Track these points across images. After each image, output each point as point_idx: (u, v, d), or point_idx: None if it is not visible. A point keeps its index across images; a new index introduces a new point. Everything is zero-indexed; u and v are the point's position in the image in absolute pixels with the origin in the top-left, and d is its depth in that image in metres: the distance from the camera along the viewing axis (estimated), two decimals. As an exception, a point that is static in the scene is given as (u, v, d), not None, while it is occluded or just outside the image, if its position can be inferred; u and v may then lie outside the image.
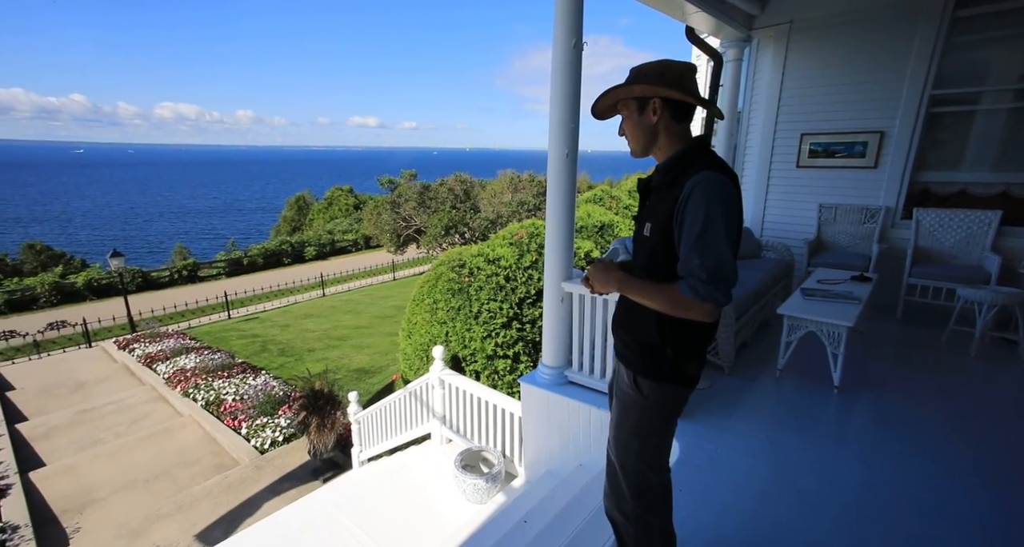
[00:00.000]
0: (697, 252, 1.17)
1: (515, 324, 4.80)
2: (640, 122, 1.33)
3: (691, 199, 1.19)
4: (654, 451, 1.40)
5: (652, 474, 1.41)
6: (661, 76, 1.27)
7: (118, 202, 71.57)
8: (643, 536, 1.41)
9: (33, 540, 4.75)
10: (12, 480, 5.76)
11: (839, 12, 4.23)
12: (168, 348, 10.57)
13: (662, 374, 1.34)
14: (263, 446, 6.49)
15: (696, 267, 1.17)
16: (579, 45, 2.62)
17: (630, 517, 1.41)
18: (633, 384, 1.38)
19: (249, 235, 40.42)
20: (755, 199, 4.92)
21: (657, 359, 1.33)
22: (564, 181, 2.83)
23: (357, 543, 3.47)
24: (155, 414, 7.92)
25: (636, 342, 1.37)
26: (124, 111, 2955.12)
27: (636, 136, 1.35)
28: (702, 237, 1.17)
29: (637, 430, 1.39)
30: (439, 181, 22.16)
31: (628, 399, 1.40)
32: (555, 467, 3.24)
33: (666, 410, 1.38)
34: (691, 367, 1.35)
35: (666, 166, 1.32)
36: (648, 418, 1.37)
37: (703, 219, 1.16)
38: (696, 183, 1.19)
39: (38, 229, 45.33)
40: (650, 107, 1.30)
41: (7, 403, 8.52)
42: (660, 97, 1.28)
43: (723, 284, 1.18)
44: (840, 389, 2.91)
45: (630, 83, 1.31)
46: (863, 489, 2.13)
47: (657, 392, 1.35)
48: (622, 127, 1.39)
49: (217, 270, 24.17)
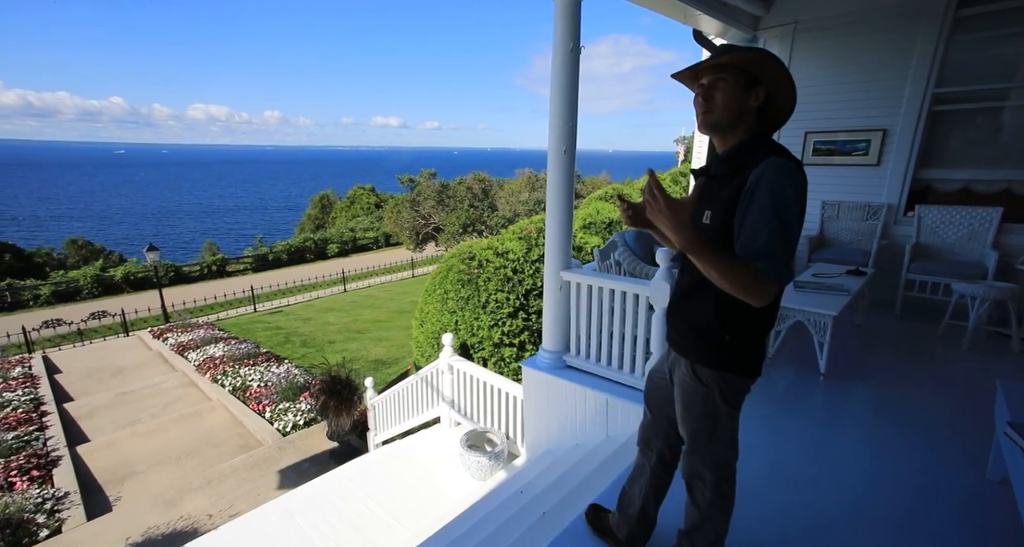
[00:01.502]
0: (774, 233, 1.12)
1: (521, 314, 5.01)
2: (742, 99, 1.23)
3: (763, 181, 1.13)
4: (724, 431, 1.38)
5: (729, 451, 1.41)
6: (784, 68, 1.23)
7: (152, 200, 74.59)
8: (718, 501, 1.43)
9: (81, 505, 5.19)
10: (62, 452, 6.27)
11: (843, 12, 4.30)
12: (199, 338, 11.12)
13: (721, 362, 1.30)
14: (285, 429, 6.86)
15: (777, 248, 1.12)
16: (576, 49, 2.81)
17: (708, 484, 1.42)
18: (692, 373, 1.35)
19: (275, 232, 41.63)
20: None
21: (716, 346, 1.30)
22: (562, 176, 3.03)
23: (368, 511, 3.74)
24: (187, 398, 8.41)
25: (692, 330, 1.34)
26: (159, 113, 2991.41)
27: (727, 110, 1.24)
28: (777, 218, 1.12)
29: (704, 416, 1.37)
30: (458, 180, 22.51)
31: (689, 389, 1.38)
32: (554, 446, 3.44)
33: (729, 396, 1.34)
34: (751, 356, 1.31)
35: (730, 153, 1.27)
36: (713, 404, 1.34)
37: (779, 200, 1.12)
38: (768, 167, 1.14)
39: (79, 225, 47.60)
40: (754, 91, 1.23)
41: (56, 385, 9.16)
42: (775, 88, 1.22)
43: (788, 268, 1.15)
44: (826, 376, 3.03)
45: (760, 60, 1.21)
46: (844, 469, 2.24)
47: (716, 379, 1.32)
48: (710, 93, 1.25)
49: (244, 265, 25.08)
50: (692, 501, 1.48)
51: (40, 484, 5.54)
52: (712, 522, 1.44)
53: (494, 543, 2.23)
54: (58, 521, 4.95)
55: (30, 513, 4.83)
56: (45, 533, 4.76)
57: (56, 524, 4.91)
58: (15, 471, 5.71)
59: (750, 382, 1.35)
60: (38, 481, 5.61)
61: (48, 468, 5.93)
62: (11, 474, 5.65)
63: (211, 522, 4.90)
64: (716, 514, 1.43)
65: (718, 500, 1.42)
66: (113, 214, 59.88)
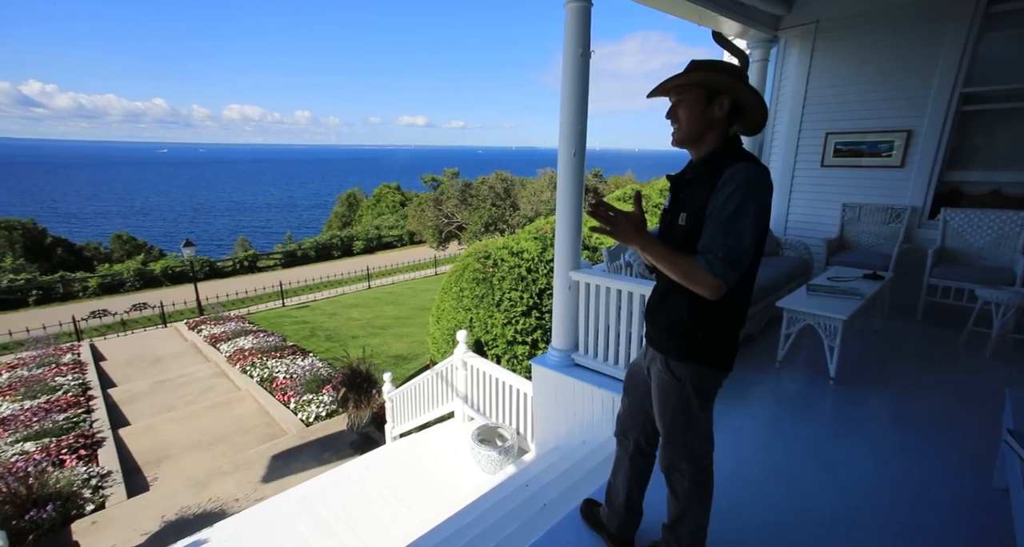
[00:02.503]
0: (723, 231, 1.21)
1: (534, 313, 5.10)
2: (703, 114, 1.31)
3: (728, 184, 1.22)
4: (698, 423, 1.45)
5: (703, 442, 1.47)
6: (740, 77, 1.29)
7: (188, 198, 77.79)
8: (696, 490, 1.49)
9: (123, 484, 5.56)
10: (106, 434, 6.71)
11: (866, 11, 4.21)
12: (230, 330, 11.62)
13: (692, 355, 1.38)
14: (308, 419, 7.13)
15: (717, 244, 1.21)
16: (587, 53, 2.87)
17: (685, 474, 1.48)
18: (666, 368, 1.43)
19: (304, 229, 42.86)
20: (779, 198, 4.95)
21: (688, 341, 1.37)
22: (572, 178, 3.09)
23: (382, 499, 3.91)
24: (218, 387, 8.82)
25: (668, 327, 1.42)
26: (197, 113, 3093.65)
27: (692, 124, 1.33)
28: (730, 219, 1.21)
29: (679, 409, 1.43)
30: (480, 179, 22.70)
31: (664, 383, 1.45)
32: (562, 443, 3.51)
33: (702, 390, 1.41)
34: (722, 351, 1.39)
35: (703, 159, 1.34)
36: (686, 398, 1.41)
37: (736, 203, 1.20)
38: (736, 171, 1.23)
39: (122, 221, 50.12)
40: (718, 101, 1.30)
41: (101, 371, 9.75)
42: (737, 97, 1.29)
43: (737, 266, 1.23)
44: (836, 380, 3.01)
45: (714, 70, 1.29)
46: (847, 473, 2.23)
47: (689, 373, 1.39)
48: (674, 111, 1.36)
49: (274, 261, 25.94)
50: (672, 493, 1.55)
51: (87, 462, 5.95)
52: (692, 512, 1.50)
53: (494, 533, 2.33)
54: (102, 497, 5.32)
55: (78, 488, 5.20)
56: (91, 507, 5.12)
57: (100, 500, 5.27)
58: (65, 449, 6.15)
59: (722, 376, 1.44)
60: (85, 460, 6.02)
61: (94, 448, 6.35)
62: (62, 452, 6.08)
63: (238, 505, 5.17)
64: (695, 504, 1.50)
65: (697, 490, 1.49)
66: (154, 211, 62.84)
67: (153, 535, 4.76)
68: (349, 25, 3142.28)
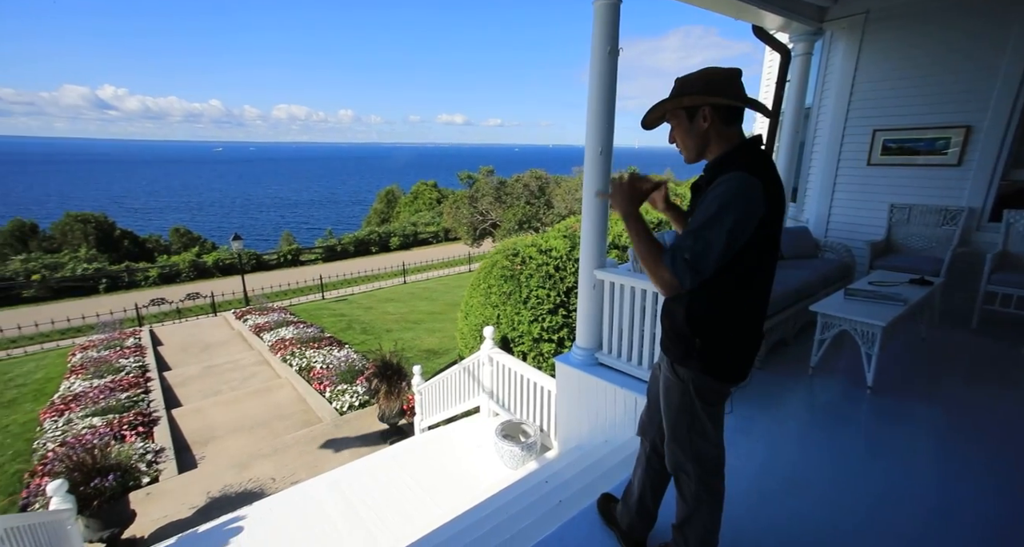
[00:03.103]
0: (693, 235, 1.23)
1: (561, 311, 5.09)
2: (691, 130, 1.36)
3: (712, 191, 1.24)
4: (702, 425, 1.43)
5: (709, 446, 1.45)
6: (708, 85, 1.32)
7: (238, 194, 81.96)
8: (704, 494, 1.48)
9: (174, 460, 5.99)
10: (161, 414, 7.23)
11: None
12: (273, 320, 12.20)
13: (692, 363, 1.38)
14: (342, 409, 7.42)
15: (685, 247, 1.23)
16: (615, 51, 2.85)
17: (692, 476, 1.48)
18: (671, 369, 1.45)
19: (344, 225, 44.30)
20: (820, 198, 4.73)
21: (687, 347, 1.38)
22: (598, 176, 3.08)
23: (407, 488, 4.03)
24: (260, 374, 9.30)
25: (672, 331, 1.43)
26: (248, 113, 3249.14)
27: (688, 144, 1.39)
28: (703, 226, 1.22)
29: (682, 409, 1.44)
30: (515, 177, 22.77)
31: (669, 383, 1.47)
32: (584, 442, 3.52)
33: (705, 396, 1.41)
34: (724, 362, 1.37)
35: (710, 166, 1.37)
36: (690, 399, 1.41)
37: (713, 211, 1.21)
38: (725, 179, 1.23)
39: (180, 216, 53.41)
40: (700, 115, 1.33)
41: (158, 355, 10.50)
42: (709, 104, 1.31)
43: (695, 272, 1.24)
44: (874, 391, 2.86)
45: (678, 95, 1.36)
46: (883, 493, 2.11)
47: (692, 378, 1.40)
48: (672, 135, 1.43)
49: (315, 255, 26.99)
50: (680, 494, 1.54)
51: (144, 439, 6.43)
52: (700, 515, 1.49)
53: (510, 526, 2.37)
54: (156, 471, 5.74)
55: (135, 462, 5.64)
56: (146, 480, 5.55)
57: (155, 474, 5.70)
58: (126, 426, 6.67)
59: (726, 386, 1.42)
60: (142, 436, 6.51)
61: (150, 426, 6.86)
62: (123, 428, 6.60)
63: (275, 486, 5.45)
64: (703, 507, 1.48)
65: (704, 493, 1.47)
66: (207, 205, 66.68)
67: (199, 509, 5.10)
68: (387, 23, 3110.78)
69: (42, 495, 5.06)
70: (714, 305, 1.33)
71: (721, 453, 1.49)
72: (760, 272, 1.33)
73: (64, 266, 20.87)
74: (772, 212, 1.25)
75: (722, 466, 1.50)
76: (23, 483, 5.74)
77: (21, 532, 2.87)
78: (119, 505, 4.60)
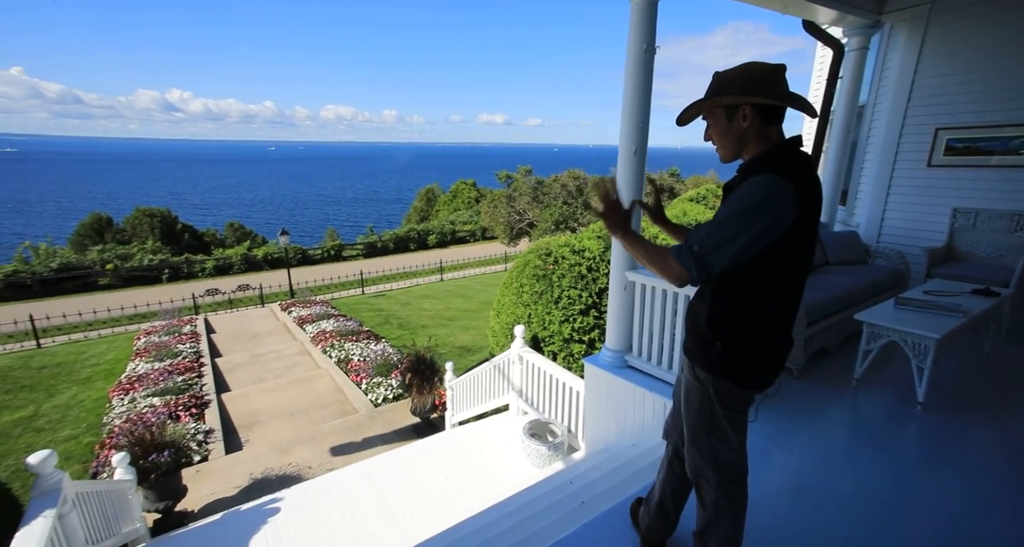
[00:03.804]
0: (707, 229, 1.19)
1: (593, 312, 5.05)
2: (729, 129, 1.31)
3: (737, 192, 1.21)
4: (722, 430, 1.39)
5: (730, 453, 1.41)
6: (748, 83, 1.25)
7: (287, 191, 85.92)
8: (723, 502, 1.44)
9: (222, 442, 6.38)
10: (211, 398, 7.71)
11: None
12: (315, 313, 12.72)
13: (713, 367, 1.34)
14: (376, 401, 7.65)
15: (696, 238, 1.20)
16: (651, 49, 2.81)
17: (711, 483, 1.44)
18: (692, 371, 1.42)
19: (384, 222, 45.54)
20: (872, 201, 4.46)
21: (707, 350, 1.34)
22: (632, 177, 3.04)
23: (435, 480, 4.12)
24: (302, 364, 9.73)
25: (693, 333, 1.41)
26: (299, 114, 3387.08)
27: (725, 143, 1.33)
28: (721, 221, 1.18)
29: (701, 413, 1.40)
30: (553, 177, 22.67)
31: (689, 386, 1.44)
32: (611, 444, 3.49)
33: (726, 401, 1.36)
34: (747, 367, 1.32)
35: (744, 167, 1.32)
36: (710, 403, 1.37)
37: (733, 209, 1.18)
38: (755, 180, 1.19)
39: (233, 212, 56.56)
40: (739, 114, 1.27)
41: (211, 343, 11.19)
42: (750, 104, 1.25)
43: (702, 264, 1.19)
44: (925, 407, 2.68)
45: (716, 93, 1.30)
46: (932, 518, 1.97)
47: (712, 381, 1.36)
48: (708, 132, 1.37)
49: (356, 251, 27.89)
50: (700, 501, 1.51)
51: (196, 420, 6.88)
52: (720, 523, 1.45)
53: (531, 524, 2.39)
54: (206, 451, 6.13)
55: (188, 441, 6.04)
56: (197, 458, 5.93)
57: (205, 453, 6.09)
58: (181, 407, 7.15)
59: (749, 392, 1.37)
60: (195, 417, 6.97)
61: (202, 408, 7.33)
62: (178, 409, 7.09)
63: (311, 472, 5.70)
64: (723, 516, 1.44)
65: (724, 501, 1.44)
66: (259, 202, 70.32)
67: (243, 489, 5.41)
68: (423, 22, 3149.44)
69: (108, 466, 5.52)
70: (737, 308, 1.30)
71: (743, 461, 1.45)
72: (788, 276, 1.28)
73: (133, 256, 22.57)
74: (805, 216, 1.20)
75: (744, 474, 1.46)
76: (94, 454, 6.28)
77: (90, 497, 3.16)
78: (173, 480, 4.94)
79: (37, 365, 10.70)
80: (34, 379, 9.85)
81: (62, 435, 7.43)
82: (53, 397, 8.92)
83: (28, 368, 10.49)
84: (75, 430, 7.54)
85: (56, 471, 2.65)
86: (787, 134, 1.33)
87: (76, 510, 2.79)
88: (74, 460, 6.58)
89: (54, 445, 6.98)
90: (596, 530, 1.97)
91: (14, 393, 9.15)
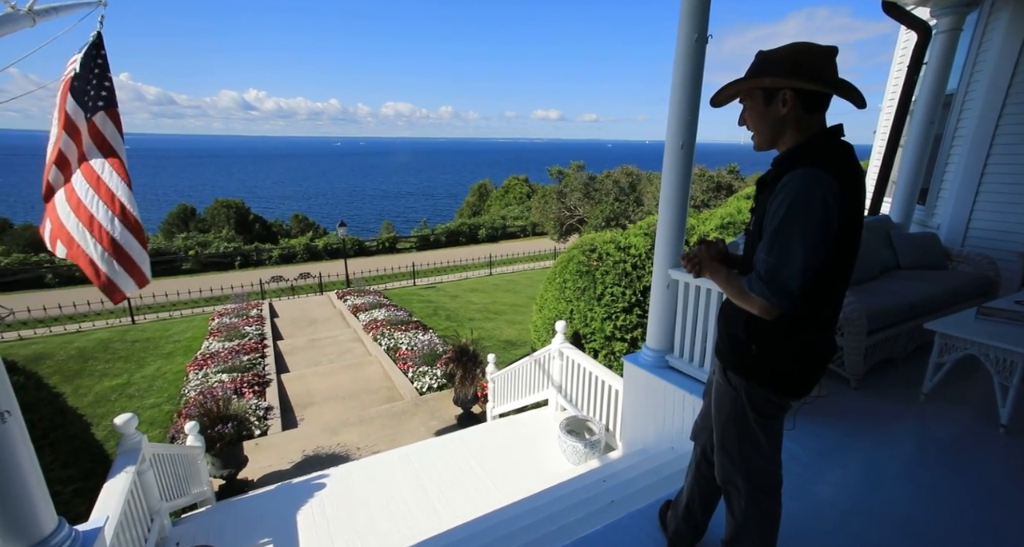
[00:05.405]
0: (766, 247, 1.13)
1: (636, 310, 4.92)
2: (766, 114, 1.21)
3: (779, 193, 1.12)
4: (754, 438, 1.32)
5: (761, 461, 1.34)
6: (794, 66, 1.15)
7: (347, 185, 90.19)
8: (754, 513, 1.38)
9: (279, 419, 6.87)
10: (272, 377, 8.30)
11: None
12: (368, 302, 13.30)
13: (747, 371, 1.29)
14: (421, 389, 7.90)
15: (760, 262, 1.14)
16: (702, 39, 2.68)
17: (741, 492, 1.38)
18: (723, 375, 1.37)
19: (438, 216, 46.70)
20: (958, 200, 4.01)
21: (742, 354, 1.29)
22: (678, 172, 2.93)
23: (471, 470, 4.21)
24: (354, 351, 10.22)
25: (728, 336, 1.36)
26: (361, 111, 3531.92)
27: (761, 128, 1.24)
28: (774, 234, 1.12)
29: (732, 418, 1.35)
30: (605, 173, 22.26)
31: (720, 390, 1.39)
32: (649, 446, 3.40)
33: (760, 408, 1.29)
34: (783, 373, 1.25)
35: (779, 159, 1.22)
36: (742, 409, 1.31)
37: (782, 216, 1.10)
38: (791, 178, 1.11)
39: (298, 204, 60.15)
40: (779, 98, 1.18)
41: (274, 326, 12.03)
42: (794, 88, 1.16)
43: (775, 285, 1.12)
44: (1009, 430, 2.40)
45: (757, 74, 1.20)
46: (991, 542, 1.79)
47: (745, 386, 1.30)
48: (743, 116, 1.28)
49: (410, 244, 28.81)
50: (729, 510, 1.45)
51: (258, 397, 7.43)
52: (748, 535, 1.38)
53: (558, 518, 2.39)
54: (266, 426, 6.61)
55: (249, 415, 6.54)
56: (257, 432, 6.41)
57: (264, 428, 6.57)
58: (245, 384, 7.76)
59: (785, 400, 1.29)
60: (257, 394, 7.53)
61: (263, 387, 7.90)
62: (243, 385, 7.69)
63: (358, 453, 5.99)
64: (752, 527, 1.37)
65: (754, 512, 1.37)
66: (321, 194, 74.38)
67: (296, 464, 5.79)
68: (473, 16, 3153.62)
69: (182, 433, 6.10)
70: None
71: (777, 470, 1.37)
72: (831, 276, 1.18)
73: (211, 244, 24.65)
74: (849, 211, 1.11)
75: (777, 485, 1.38)
76: (172, 421, 6.97)
77: (164, 459, 3.52)
78: (235, 450, 5.37)
79: (131, 339, 12.00)
80: (128, 351, 11.05)
81: (148, 402, 8.30)
82: (143, 368, 9.97)
83: (124, 341, 11.78)
84: (158, 399, 8.39)
85: (137, 433, 2.96)
86: (872, 127, 1.23)
87: (153, 469, 3.11)
88: (157, 425, 7.32)
89: (141, 411, 7.80)
90: (622, 530, 1.94)
91: (112, 362, 10.32)
